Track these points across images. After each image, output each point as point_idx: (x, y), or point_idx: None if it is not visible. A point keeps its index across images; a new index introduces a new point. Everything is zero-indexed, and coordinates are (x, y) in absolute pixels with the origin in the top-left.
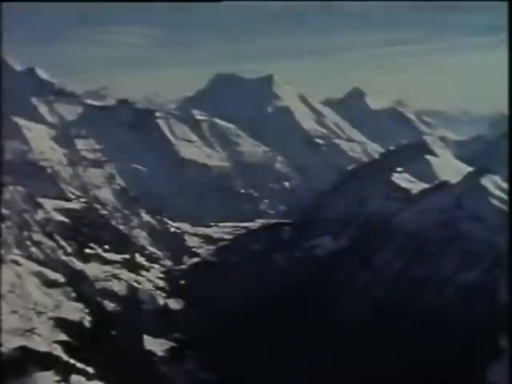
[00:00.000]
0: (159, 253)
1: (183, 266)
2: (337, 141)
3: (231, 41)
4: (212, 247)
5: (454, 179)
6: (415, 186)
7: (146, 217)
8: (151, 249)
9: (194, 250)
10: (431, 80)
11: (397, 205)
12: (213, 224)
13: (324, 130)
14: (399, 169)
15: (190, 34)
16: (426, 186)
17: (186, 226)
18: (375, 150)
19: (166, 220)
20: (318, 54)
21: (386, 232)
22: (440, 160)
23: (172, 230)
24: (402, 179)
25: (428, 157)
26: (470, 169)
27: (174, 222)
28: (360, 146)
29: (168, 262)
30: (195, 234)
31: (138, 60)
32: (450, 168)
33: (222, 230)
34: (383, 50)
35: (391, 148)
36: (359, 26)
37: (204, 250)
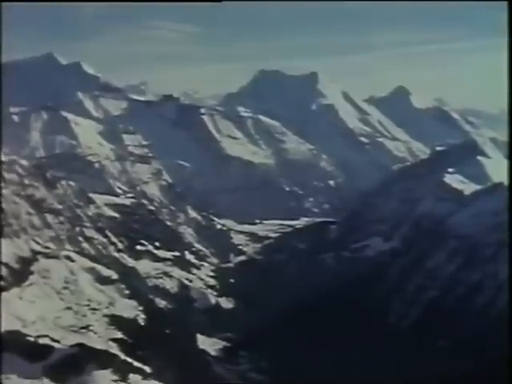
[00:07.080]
0: (206, 250)
1: (230, 264)
2: (381, 139)
3: (269, 38)
4: (258, 245)
5: (506, 181)
6: (468, 188)
7: (193, 213)
8: (198, 246)
9: (240, 247)
10: (468, 78)
11: (449, 206)
12: (258, 221)
13: (368, 129)
14: (450, 169)
15: (226, 30)
16: (479, 187)
17: (231, 223)
18: (420, 149)
19: (211, 217)
20: (356, 51)
21: (439, 234)
22: (492, 161)
23: (218, 227)
24: (453, 180)
25: (479, 157)
26: None
27: (219, 218)
28: (404, 145)
29: (215, 260)
30: (241, 232)
31: (175, 56)
32: (502, 169)
33: (268, 228)
34: (421, 48)
35: (439, 148)
36: (396, 23)
37: (250, 248)
